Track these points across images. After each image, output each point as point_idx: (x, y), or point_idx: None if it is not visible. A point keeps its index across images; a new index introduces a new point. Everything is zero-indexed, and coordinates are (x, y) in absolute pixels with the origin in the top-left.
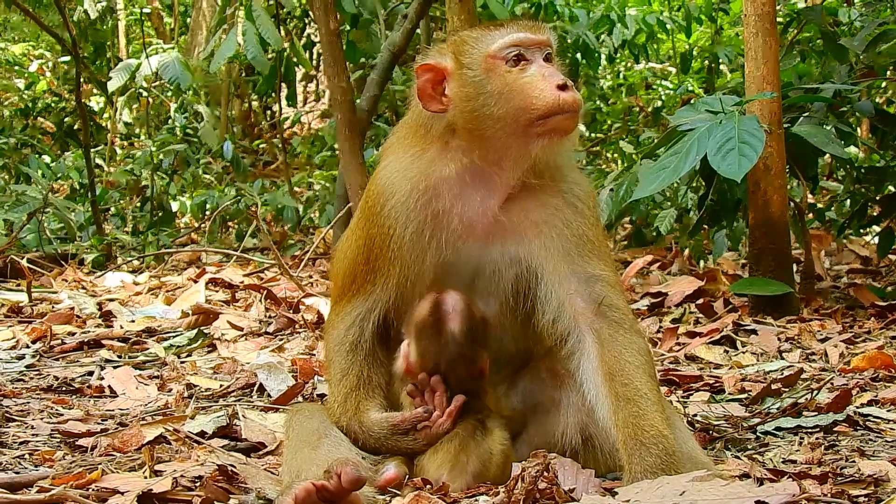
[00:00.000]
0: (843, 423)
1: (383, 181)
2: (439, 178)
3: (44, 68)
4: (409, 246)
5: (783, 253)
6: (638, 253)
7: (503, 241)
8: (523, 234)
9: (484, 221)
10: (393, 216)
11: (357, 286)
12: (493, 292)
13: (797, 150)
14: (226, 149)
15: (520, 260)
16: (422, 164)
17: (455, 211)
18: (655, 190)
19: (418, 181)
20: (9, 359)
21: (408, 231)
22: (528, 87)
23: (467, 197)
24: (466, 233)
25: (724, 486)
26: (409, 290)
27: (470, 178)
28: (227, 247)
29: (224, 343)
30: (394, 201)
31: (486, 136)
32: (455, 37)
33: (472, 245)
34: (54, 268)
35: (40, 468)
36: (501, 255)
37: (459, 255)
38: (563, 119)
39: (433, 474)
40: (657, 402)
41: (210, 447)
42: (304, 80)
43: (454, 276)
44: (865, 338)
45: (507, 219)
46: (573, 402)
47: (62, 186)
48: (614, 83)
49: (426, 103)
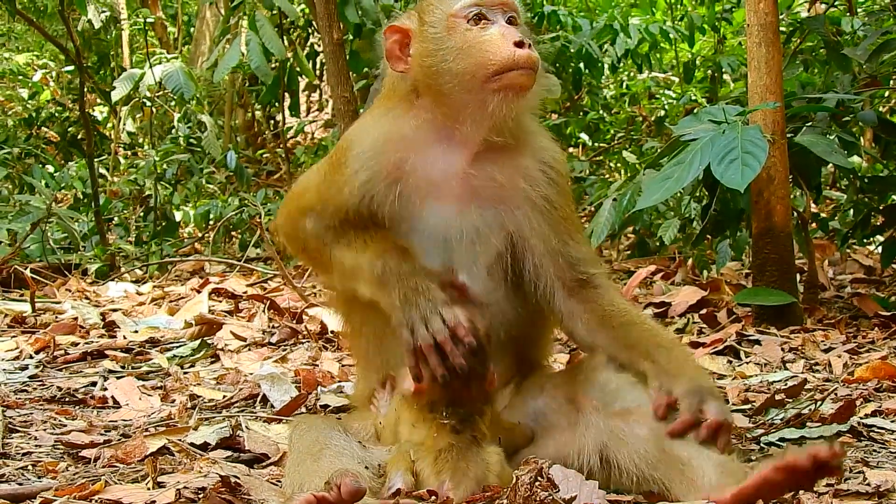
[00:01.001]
0: (848, 434)
1: (349, 135)
2: (400, 134)
3: (47, 78)
4: (361, 193)
5: (786, 263)
6: (641, 263)
7: (480, 206)
8: (503, 201)
9: (451, 183)
10: (352, 166)
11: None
12: (476, 262)
13: (800, 160)
14: (229, 159)
15: (503, 228)
16: (386, 122)
17: (416, 166)
18: (659, 200)
19: (380, 135)
20: (12, 369)
21: (360, 178)
22: (486, 43)
23: (429, 153)
24: (431, 192)
25: None
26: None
27: (432, 135)
28: (230, 257)
29: (227, 353)
30: (355, 152)
31: (444, 92)
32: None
33: (441, 207)
34: (58, 278)
35: (43, 479)
36: (482, 220)
37: (426, 217)
38: (518, 75)
39: (434, 483)
40: (661, 327)
41: (213, 459)
42: (308, 90)
43: (425, 241)
44: (869, 348)
45: (480, 182)
46: (593, 423)
47: (66, 196)
48: (617, 93)
49: (393, 64)
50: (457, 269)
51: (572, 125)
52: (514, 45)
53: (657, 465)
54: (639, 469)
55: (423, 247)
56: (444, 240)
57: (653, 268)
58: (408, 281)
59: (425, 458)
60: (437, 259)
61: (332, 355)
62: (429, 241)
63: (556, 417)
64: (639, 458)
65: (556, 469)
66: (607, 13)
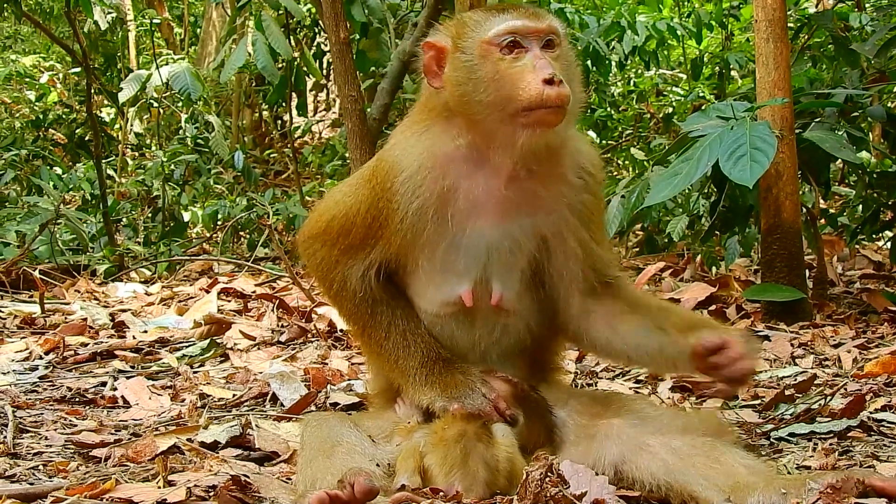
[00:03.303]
0: (857, 429)
1: (393, 157)
2: (444, 156)
3: (55, 80)
4: (412, 220)
5: (796, 259)
6: (650, 260)
7: (519, 217)
8: (540, 208)
9: (492, 201)
10: (401, 192)
11: (351, 244)
12: (511, 271)
13: (809, 156)
14: (237, 159)
15: (537, 234)
16: (426, 141)
17: (461, 188)
18: (667, 196)
19: (426, 158)
20: (22, 370)
21: (412, 207)
22: (516, 77)
23: (471, 175)
24: (474, 211)
25: None
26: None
27: (473, 157)
28: (238, 257)
29: (237, 353)
30: (403, 177)
31: (475, 120)
32: (457, 17)
33: (482, 224)
34: (66, 279)
35: (54, 479)
36: (520, 230)
37: (468, 235)
38: (546, 114)
39: (443, 482)
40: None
41: (223, 457)
42: (315, 90)
43: (465, 257)
44: (879, 343)
45: (519, 197)
46: (612, 435)
47: (74, 198)
48: (625, 90)
49: (429, 79)
50: (492, 280)
51: (580, 123)
52: (543, 83)
53: (680, 472)
54: (656, 479)
55: (462, 261)
56: (483, 253)
57: (661, 265)
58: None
59: (434, 452)
60: (474, 271)
61: (341, 353)
62: (468, 256)
63: (576, 430)
64: (657, 468)
65: (566, 465)
66: (614, 10)
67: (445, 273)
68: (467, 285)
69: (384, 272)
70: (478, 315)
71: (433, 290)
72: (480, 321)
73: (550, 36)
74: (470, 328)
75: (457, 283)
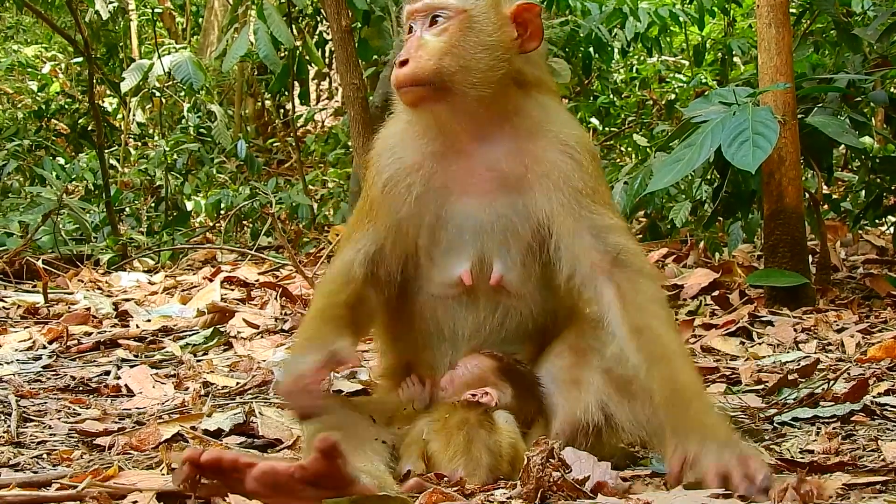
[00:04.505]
0: (861, 413)
1: (377, 137)
2: (410, 133)
3: (56, 70)
4: (384, 194)
5: (799, 244)
6: (653, 246)
7: (508, 196)
8: (529, 189)
9: (469, 179)
10: (376, 168)
11: (353, 232)
12: (509, 252)
13: (811, 141)
14: (239, 148)
15: (530, 218)
16: (401, 121)
17: (425, 164)
18: (670, 182)
19: (395, 135)
20: (25, 359)
21: (381, 179)
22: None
23: (434, 151)
24: (450, 189)
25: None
26: (401, 245)
27: (432, 136)
28: (242, 246)
29: (240, 341)
30: (376, 152)
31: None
32: None
33: (466, 203)
34: (70, 269)
35: (58, 467)
36: (512, 210)
37: (451, 213)
38: (400, 94)
39: (446, 468)
40: (687, 358)
41: (227, 445)
42: (317, 79)
43: (457, 235)
44: (882, 327)
45: (502, 174)
46: (594, 381)
47: (77, 188)
48: (627, 77)
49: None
50: (492, 260)
51: (582, 110)
52: (395, 66)
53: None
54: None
55: (455, 240)
56: (475, 233)
57: (664, 251)
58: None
59: (437, 439)
60: (470, 251)
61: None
62: (459, 235)
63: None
64: (637, 422)
65: (569, 451)
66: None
67: (443, 253)
68: (466, 265)
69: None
70: (480, 296)
71: (435, 271)
72: (483, 302)
73: (435, 12)
74: (473, 310)
75: (456, 262)
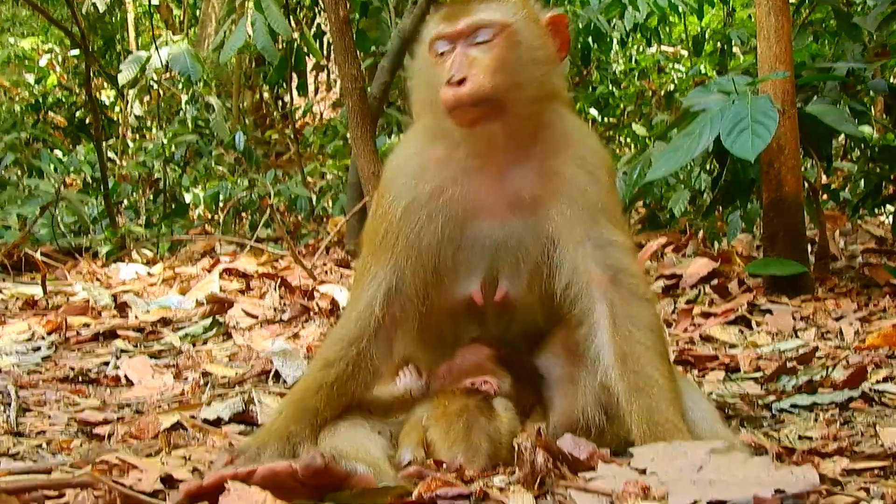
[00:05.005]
0: (859, 400)
1: (391, 159)
2: (431, 157)
3: (54, 63)
4: (405, 220)
5: (798, 233)
6: (652, 236)
7: (522, 215)
8: (542, 203)
9: (488, 200)
10: (390, 192)
11: (371, 264)
12: (518, 270)
13: (811, 130)
14: (238, 140)
15: (542, 231)
16: (417, 143)
17: (450, 188)
18: (669, 171)
19: (414, 159)
20: (25, 350)
21: (401, 205)
22: (438, 82)
23: (459, 175)
24: (470, 212)
25: (743, 463)
26: (421, 273)
27: (455, 157)
28: (240, 237)
29: (239, 331)
30: (391, 176)
31: (433, 119)
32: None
33: (483, 225)
34: (68, 261)
35: (58, 456)
36: (524, 229)
37: (468, 236)
38: (458, 114)
39: (446, 455)
40: (670, 390)
41: (226, 433)
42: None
43: (471, 257)
44: (880, 316)
45: (517, 194)
46: (590, 380)
47: (75, 180)
48: (626, 67)
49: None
50: (500, 278)
51: (581, 100)
52: (447, 86)
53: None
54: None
55: (469, 262)
56: (488, 253)
57: (664, 240)
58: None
59: (437, 426)
60: (481, 271)
61: None
62: (473, 256)
63: (559, 370)
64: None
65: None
66: None
67: (455, 272)
68: (476, 284)
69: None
70: (488, 311)
71: (445, 290)
72: (490, 316)
73: (477, 31)
74: (478, 321)
75: (467, 282)
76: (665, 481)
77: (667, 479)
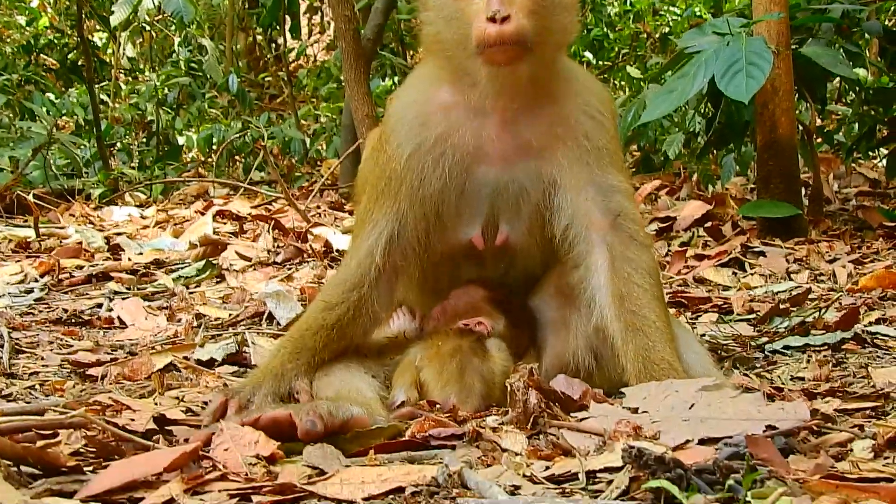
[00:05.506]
0: (851, 341)
1: (393, 105)
2: (436, 102)
3: (45, 4)
4: (409, 166)
5: (791, 175)
6: (646, 179)
7: (524, 160)
8: (544, 150)
9: (492, 145)
10: (395, 139)
11: (373, 211)
12: (519, 214)
13: (805, 72)
14: (231, 82)
15: (544, 175)
16: (421, 87)
17: (455, 134)
18: (663, 113)
19: (418, 105)
20: (17, 293)
21: (405, 151)
22: (470, 16)
23: (464, 120)
24: (474, 157)
25: (734, 400)
26: (423, 220)
27: (462, 102)
28: (234, 179)
29: (232, 273)
30: (394, 122)
31: (448, 60)
32: None
33: (485, 169)
34: (61, 203)
35: (51, 397)
36: (524, 174)
37: (471, 181)
38: (494, 52)
39: (439, 395)
40: (666, 331)
41: (219, 374)
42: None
43: (473, 202)
44: (873, 258)
45: (520, 139)
46: (582, 323)
47: (67, 123)
48: (621, 9)
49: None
50: (500, 222)
51: (576, 43)
52: (486, 21)
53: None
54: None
55: (470, 207)
56: (489, 198)
57: (658, 183)
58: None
59: (430, 366)
60: (482, 215)
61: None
62: (475, 201)
63: (551, 312)
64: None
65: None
66: None
67: (457, 218)
68: (477, 229)
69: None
70: (487, 255)
71: (446, 234)
72: (489, 260)
73: None
74: (477, 265)
75: (468, 227)
76: (657, 420)
77: (658, 417)
